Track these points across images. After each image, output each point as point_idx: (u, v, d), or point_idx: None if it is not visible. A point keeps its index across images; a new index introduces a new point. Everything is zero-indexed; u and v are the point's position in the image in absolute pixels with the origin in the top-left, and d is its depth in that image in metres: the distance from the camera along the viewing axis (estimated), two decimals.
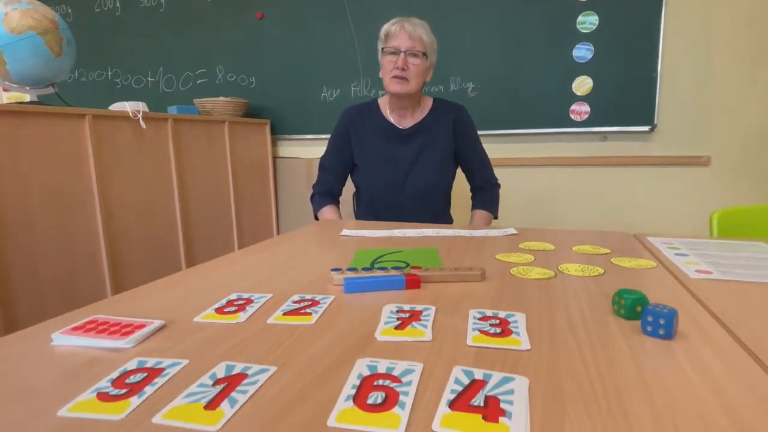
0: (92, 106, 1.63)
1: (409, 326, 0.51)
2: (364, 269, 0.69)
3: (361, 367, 0.42)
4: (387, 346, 0.47)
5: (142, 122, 1.68)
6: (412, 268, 0.69)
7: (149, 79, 2.84)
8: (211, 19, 2.63)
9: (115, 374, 0.42)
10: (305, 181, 2.53)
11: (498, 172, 1.52)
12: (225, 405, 0.37)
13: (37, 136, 1.41)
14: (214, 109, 2.32)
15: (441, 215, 1.48)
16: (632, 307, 0.52)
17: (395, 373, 0.41)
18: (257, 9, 2.53)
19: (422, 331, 0.50)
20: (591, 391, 0.37)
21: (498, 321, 0.53)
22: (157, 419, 0.35)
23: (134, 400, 0.38)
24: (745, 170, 1.91)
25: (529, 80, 2.11)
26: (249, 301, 0.61)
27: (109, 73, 2.94)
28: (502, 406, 0.35)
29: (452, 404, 0.36)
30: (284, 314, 0.56)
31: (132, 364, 0.44)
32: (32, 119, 1.40)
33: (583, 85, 2.04)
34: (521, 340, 0.47)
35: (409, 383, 0.39)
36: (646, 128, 1.98)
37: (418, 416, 0.34)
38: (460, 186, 1.53)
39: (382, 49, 1.35)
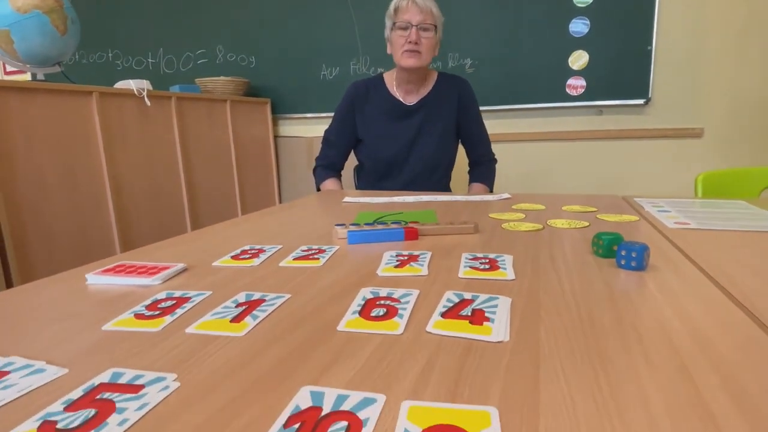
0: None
1: (408, 265, 0.57)
2: (366, 224, 0.74)
3: (365, 293, 0.48)
4: (387, 280, 0.52)
5: (147, 100, 1.72)
6: (410, 223, 0.75)
7: (150, 60, 2.86)
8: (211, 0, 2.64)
9: (147, 302, 0.48)
10: (306, 159, 2.58)
11: (495, 148, 1.56)
12: (248, 319, 0.42)
13: (47, 113, 1.45)
14: (215, 88, 2.35)
15: (441, 190, 1.53)
16: (609, 246, 0.57)
17: (395, 296, 0.47)
18: None
19: (419, 269, 0.56)
20: (564, 305, 0.43)
21: (487, 260, 0.58)
22: (190, 329, 0.41)
23: (167, 318, 0.43)
24: (736, 141, 1.95)
25: (526, 55, 2.14)
26: (261, 251, 0.66)
27: (110, 54, 2.95)
28: (487, 314, 0.41)
29: (444, 314, 0.41)
30: (294, 259, 0.62)
31: (161, 295, 0.50)
32: (42, 96, 1.44)
33: (579, 59, 2.07)
34: (507, 273, 0.53)
35: (407, 302, 0.45)
36: (641, 101, 2.02)
37: (414, 323, 0.40)
38: (458, 165, 1.58)
39: (393, 24, 1.37)
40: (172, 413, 0.28)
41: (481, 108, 2.20)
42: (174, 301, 0.48)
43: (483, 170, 1.54)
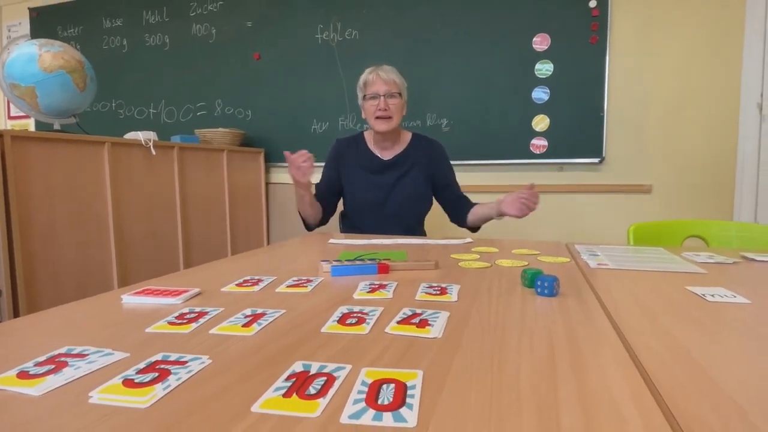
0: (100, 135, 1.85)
1: (377, 291, 0.73)
2: (347, 260, 0.90)
3: (342, 309, 0.64)
4: (361, 301, 0.68)
5: (152, 149, 1.89)
6: (383, 260, 0.91)
7: (151, 110, 3.07)
8: (212, 58, 2.90)
9: (175, 314, 0.63)
10: (294, 204, 2.75)
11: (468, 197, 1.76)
12: (255, 325, 0.57)
13: (63, 160, 1.61)
14: (213, 138, 2.55)
15: (416, 232, 1.71)
16: (532, 278, 0.75)
17: (365, 311, 0.62)
18: (255, 51, 2.82)
19: (386, 293, 0.72)
20: (487, 319, 0.60)
21: (439, 288, 0.75)
22: (213, 331, 0.56)
23: (194, 325, 0.58)
24: (682, 196, 2.20)
25: (495, 117, 2.41)
26: (260, 280, 0.82)
27: (114, 104, 3.16)
28: (430, 322, 0.57)
29: (399, 321, 0.57)
30: (287, 286, 0.77)
31: (185, 310, 0.65)
32: (60, 145, 1.60)
33: (541, 122, 2.34)
34: (452, 296, 0.69)
35: (374, 315, 0.61)
36: (596, 160, 2.27)
37: (377, 327, 0.56)
38: (435, 211, 1.76)
39: (364, 96, 1.60)
40: (209, 377, 0.43)
41: (456, 162, 2.43)
42: (196, 314, 0.63)
43: (469, 202, 1.68)
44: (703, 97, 2.15)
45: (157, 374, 0.44)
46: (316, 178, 1.74)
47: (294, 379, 0.42)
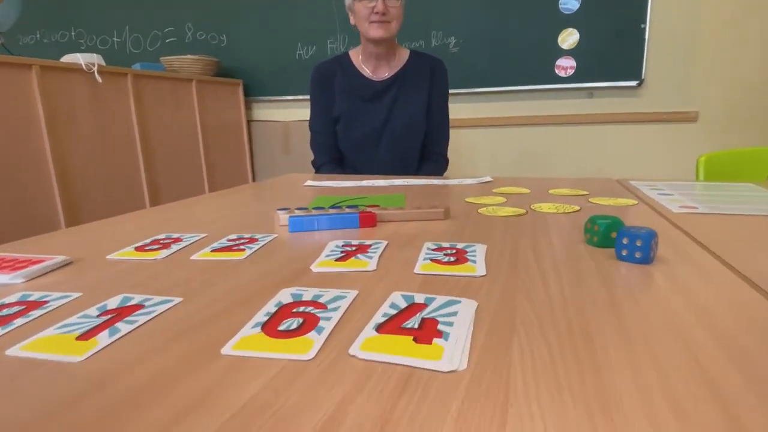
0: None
1: (353, 258, 0.45)
2: (316, 208, 0.62)
3: (283, 296, 0.35)
4: (322, 277, 0.40)
5: (97, 76, 1.56)
6: (369, 206, 0.62)
7: (115, 39, 2.68)
8: None
9: None
10: (282, 144, 2.43)
11: (480, 133, 1.44)
12: (103, 335, 0.30)
13: None
14: (182, 67, 2.19)
15: (420, 171, 1.41)
16: (606, 233, 0.46)
17: (322, 300, 0.34)
18: None
19: (366, 262, 0.43)
20: (549, 310, 0.31)
21: (454, 251, 0.46)
22: (13, 351, 0.28)
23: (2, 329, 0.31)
24: (733, 126, 1.86)
25: (513, 34, 2.01)
26: (177, 240, 0.54)
27: (73, 33, 2.76)
28: (440, 327, 0.29)
29: (380, 327, 0.29)
30: (213, 251, 0.49)
31: (12, 298, 0.37)
32: None
33: (569, 38, 1.95)
34: (476, 267, 0.41)
35: (336, 309, 0.33)
36: (633, 83, 1.91)
37: (336, 341, 0.28)
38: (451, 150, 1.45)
39: None
40: None
41: (466, 90, 2.09)
42: (23, 307, 0.35)
43: (431, 169, 1.37)
44: (764, 11, 1.74)
45: None
46: (298, 114, 1.41)
47: None
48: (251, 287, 0.38)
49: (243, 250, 0.49)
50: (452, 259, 0.43)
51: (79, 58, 1.52)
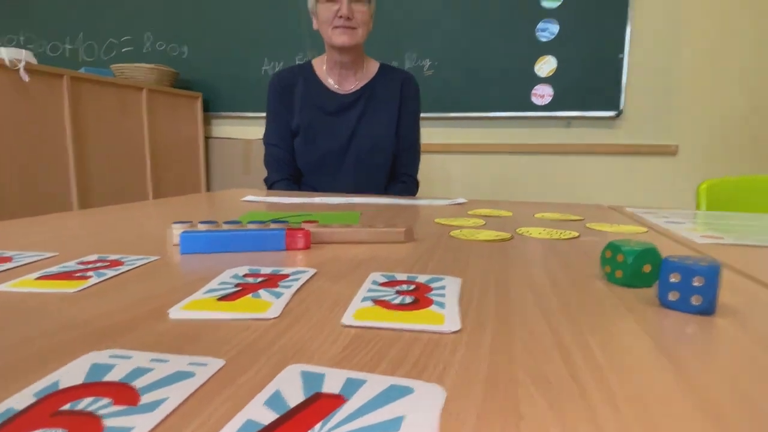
0: None
1: (248, 296, 0.28)
2: (228, 222, 0.45)
3: (72, 372, 0.18)
4: (181, 329, 0.23)
5: (23, 74, 1.36)
6: (304, 223, 0.46)
7: (67, 45, 2.49)
8: None
9: None
10: (242, 164, 2.26)
11: (454, 159, 1.31)
12: None
13: None
14: (135, 76, 2.01)
15: (388, 191, 1.26)
16: (637, 266, 0.31)
17: (137, 384, 0.17)
18: None
19: (266, 304, 0.27)
20: (578, 404, 0.15)
21: (414, 287, 0.30)
22: None
23: None
24: (713, 160, 1.81)
25: (490, 59, 1.94)
26: (5, 260, 0.36)
27: (21, 38, 2.56)
28: None
29: None
30: (39, 278, 0.31)
31: None
32: None
33: (546, 65, 1.89)
34: (444, 315, 0.25)
35: (149, 408, 0.16)
36: (612, 113, 1.84)
37: None
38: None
39: None
40: None
41: (440, 115, 1.98)
42: None
43: (400, 190, 1.22)
44: (743, 42, 1.73)
45: None
46: (261, 132, 1.26)
47: None
48: (37, 344, 0.21)
49: (87, 277, 0.32)
50: (409, 299, 0.27)
51: (3, 53, 1.32)
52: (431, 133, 1.99)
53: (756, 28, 1.72)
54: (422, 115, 1.27)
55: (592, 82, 1.84)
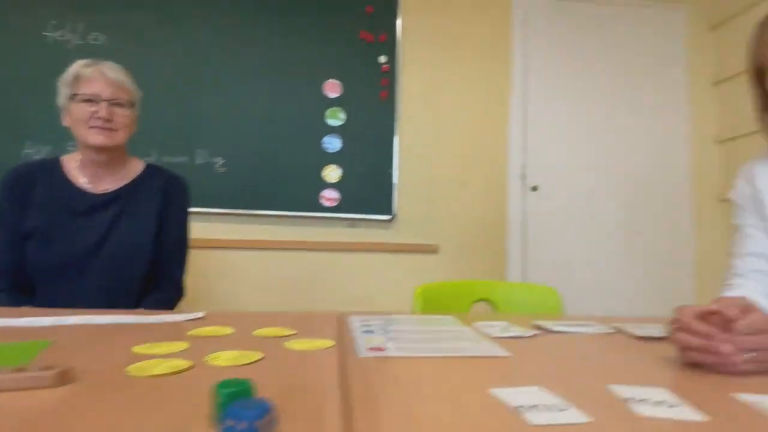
0: None
1: None
2: None
3: None
4: None
5: None
6: None
7: None
8: None
9: None
10: None
11: (247, 255, 1.32)
12: None
13: None
14: None
15: (137, 304, 1.14)
16: (227, 403, 0.35)
17: None
18: None
19: None
20: None
21: None
22: None
23: None
24: (465, 257, 2.21)
25: (282, 162, 2.10)
26: None
27: None
28: None
29: None
30: None
31: None
32: None
33: (332, 173, 2.12)
34: None
35: None
36: (386, 217, 2.14)
37: None
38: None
39: (73, 95, 1.08)
40: None
41: (231, 211, 2.00)
42: None
43: (157, 301, 1.12)
44: (479, 164, 2.26)
45: None
46: None
47: None
48: None
49: None
50: None
51: None
52: (220, 228, 1.99)
53: (489, 153, 2.27)
54: (212, 210, 1.27)
55: (371, 190, 2.13)
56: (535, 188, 2.30)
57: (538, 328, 0.81)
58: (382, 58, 2.18)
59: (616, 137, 2.36)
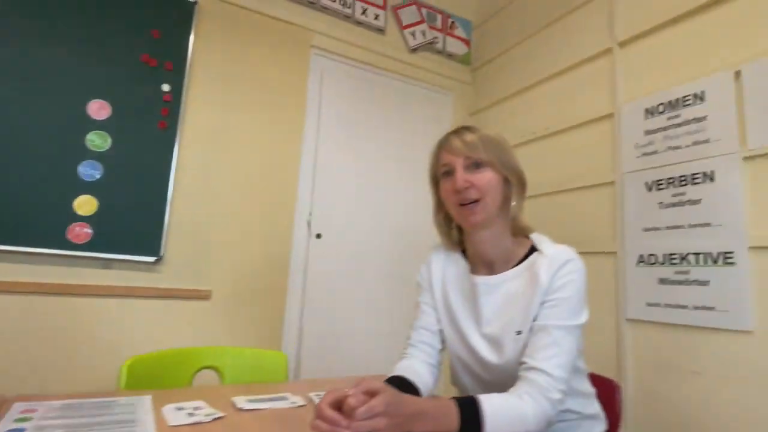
0: None
1: None
2: None
3: None
4: None
5: None
6: None
7: None
8: None
9: None
10: None
11: None
12: None
13: None
14: None
15: None
16: None
17: None
18: None
19: None
20: None
21: None
22: None
23: None
24: (239, 304, 2.14)
25: (19, 188, 1.73)
26: None
27: None
28: None
29: None
30: None
31: None
32: None
33: (87, 204, 1.84)
34: None
35: None
36: (152, 259, 1.94)
37: None
38: None
39: None
40: None
41: None
42: None
43: None
44: (266, 209, 2.25)
45: None
46: None
47: None
48: None
49: None
50: None
51: None
52: None
53: (276, 198, 2.28)
54: None
55: (134, 227, 1.92)
56: (319, 236, 2.41)
57: (233, 406, 0.82)
58: (166, 87, 2.02)
59: (394, 197, 2.66)
